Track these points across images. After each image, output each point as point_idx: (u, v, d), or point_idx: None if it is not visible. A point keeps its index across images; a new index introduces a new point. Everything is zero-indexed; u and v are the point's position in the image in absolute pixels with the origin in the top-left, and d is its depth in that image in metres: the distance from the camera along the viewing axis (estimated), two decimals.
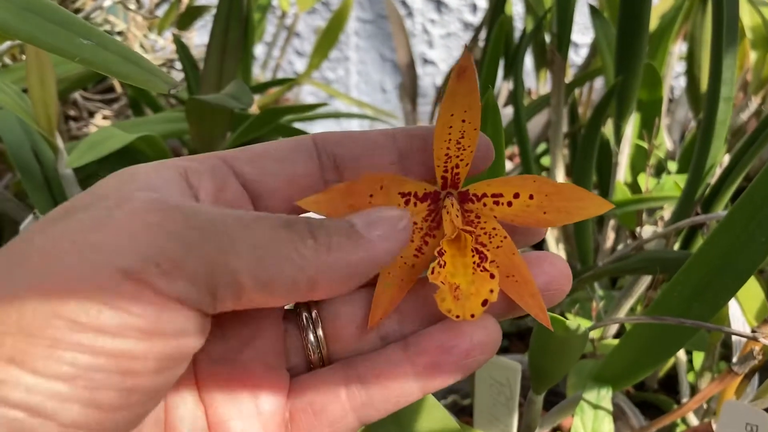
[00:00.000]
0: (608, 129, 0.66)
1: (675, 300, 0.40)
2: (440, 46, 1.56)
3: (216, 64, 0.55)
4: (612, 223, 0.63)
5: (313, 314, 0.27)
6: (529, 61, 1.00)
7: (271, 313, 0.27)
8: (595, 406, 0.44)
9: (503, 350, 0.68)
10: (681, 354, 0.57)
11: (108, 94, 0.73)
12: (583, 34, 1.42)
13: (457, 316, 0.25)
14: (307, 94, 1.53)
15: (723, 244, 0.39)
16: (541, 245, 0.70)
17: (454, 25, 1.55)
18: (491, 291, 0.25)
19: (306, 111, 0.61)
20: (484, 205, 0.27)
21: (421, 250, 0.27)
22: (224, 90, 0.43)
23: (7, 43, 0.57)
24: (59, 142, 0.50)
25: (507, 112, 0.84)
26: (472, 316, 0.25)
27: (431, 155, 0.27)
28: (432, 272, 0.25)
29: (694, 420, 0.54)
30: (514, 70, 0.63)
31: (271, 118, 0.57)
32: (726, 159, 0.53)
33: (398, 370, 0.26)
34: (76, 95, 0.69)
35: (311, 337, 0.27)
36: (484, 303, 0.25)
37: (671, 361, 0.64)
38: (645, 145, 0.59)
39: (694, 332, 0.41)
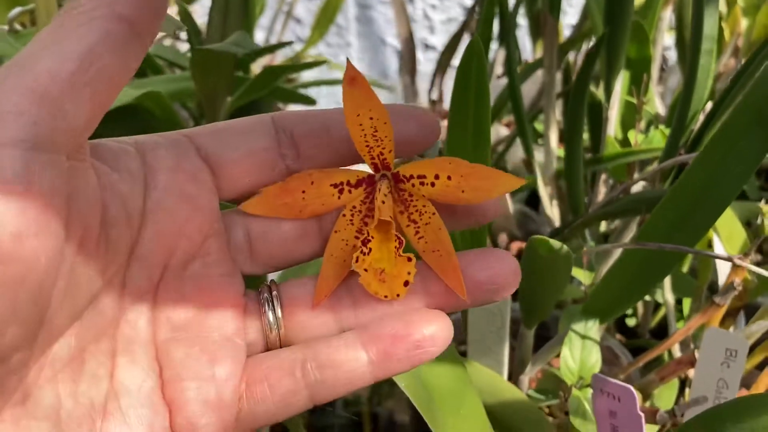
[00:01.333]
0: (600, 89, 0.68)
1: (658, 230, 0.42)
2: (441, 32, 1.58)
3: (218, 27, 0.58)
4: (604, 177, 0.65)
5: (273, 294, 0.29)
6: (524, 32, 1.02)
7: (231, 287, 0.29)
8: (583, 337, 0.46)
9: None
10: (670, 301, 0.59)
11: None
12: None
13: (385, 296, 0.28)
14: (306, 74, 1.54)
15: (701, 176, 0.41)
16: (536, 204, 0.73)
17: (455, 10, 1.56)
18: (409, 273, 0.28)
19: (307, 69, 0.63)
20: (413, 185, 0.29)
21: (360, 231, 0.30)
22: (227, 40, 0.45)
23: (17, 9, 0.60)
24: None
25: (503, 83, 0.86)
26: (398, 295, 0.28)
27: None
28: (356, 261, 0.28)
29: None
30: (507, 35, 0.65)
31: (271, 78, 0.59)
32: (708, 107, 0.55)
33: (352, 355, 0.28)
34: None
35: (270, 315, 0.29)
36: (406, 284, 0.28)
37: (662, 312, 0.66)
38: (635, 101, 0.61)
39: (676, 260, 0.43)
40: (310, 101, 0.67)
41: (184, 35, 0.81)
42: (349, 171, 0.30)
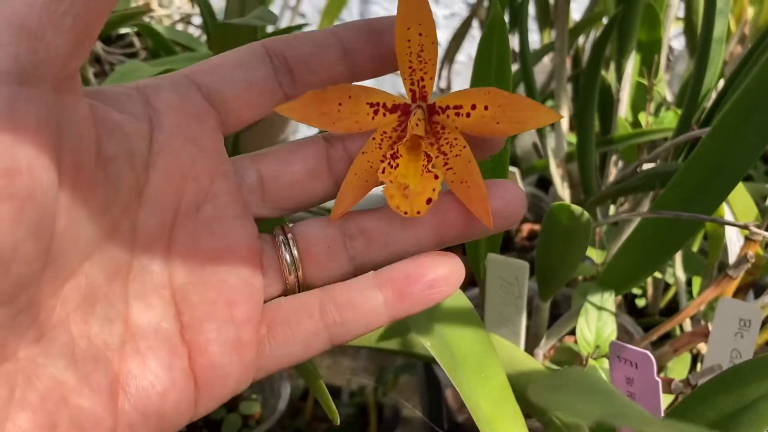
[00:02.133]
0: (610, 74, 0.69)
1: (673, 201, 0.43)
2: (444, 27, 1.58)
3: (237, 8, 0.58)
4: (614, 159, 0.66)
5: (288, 236, 0.30)
6: (533, 25, 1.03)
7: (244, 229, 0.29)
8: (599, 308, 0.47)
9: None
10: (681, 278, 0.59)
11: (128, 49, 0.76)
12: None
13: (405, 213, 0.28)
14: None
15: (716, 147, 0.42)
16: (546, 187, 0.73)
17: (458, 5, 1.57)
18: (434, 190, 0.28)
19: None
20: (448, 116, 0.29)
21: (387, 157, 0.30)
22: (249, 14, 0.46)
23: None
24: (90, 76, 0.53)
25: (514, 68, 0.86)
26: (418, 213, 0.28)
27: (377, 49, 0.29)
28: (383, 171, 0.28)
29: None
30: (519, 18, 0.66)
31: None
32: (721, 84, 0.56)
33: (368, 296, 0.28)
34: (98, 48, 0.72)
35: (287, 257, 0.29)
36: (428, 201, 0.28)
37: (672, 291, 0.67)
38: (645, 82, 0.62)
39: (691, 232, 0.44)
40: None
41: (196, 20, 0.82)
42: (387, 94, 0.29)
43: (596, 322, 0.46)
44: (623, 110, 0.63)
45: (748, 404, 0.33)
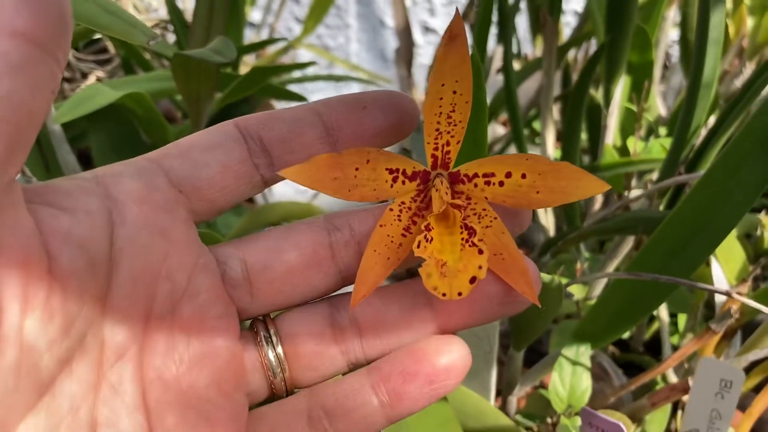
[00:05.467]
0: (600, 93, 0.66)
1: (654, 257, 0.41)
2: (442, 14, 1.55)
3: (204, 24, 0.55)
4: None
5: (272, 331, 0.26)
6: (526, 26, 1.00)
7: (227, 331, 0.26)
8: (574, 363, 0.45)
9: None
10: (664, 316, 0.57)
11: (101, 55, 0.73)
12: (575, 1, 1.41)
13: (444, 294, 0.24)
14: (305, 60, 1.52)
15: (701, 203, 0.39)
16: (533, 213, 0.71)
17: None
18: (480, 267, 0.24)
19: (294, 69, 0.61)
20: (475, 185, 0.26)
21: (408, 230, 0.26)
22: (208, 46, 0.43)
23: None
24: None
25: (501, 79, 0.84)
26: (459, 294, 0.24)
27: (361, 126, 0.26)
28: (418, 246, 0.24)
29: (675, 380, 0.54)
30: (504, 34, 0.63)
31: (259, 77, 0.57)
32: (711, 121, 0.53)
33: (362, 399, 0.25)
34: (69, 56, 0.69)
35: (271, 356, 0.26)
36: (473, 280, 0.24)
37: (656, 324, 0.64)
38: (635, 108, 0.59)
39: (671, 290, 0.41)
40: (299, 98, 0.65)
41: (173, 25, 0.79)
42: (406, 160, 0.26)
43: (570, 378, 0.44)
44: (611, 136, 0.60)
45: None
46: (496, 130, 0.84)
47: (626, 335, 0.64)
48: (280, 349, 0.26)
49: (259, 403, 0.27)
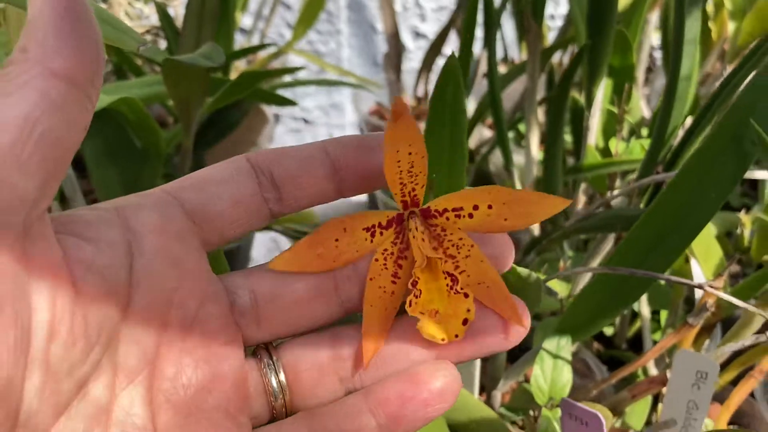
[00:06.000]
0: (583, 96, 0.67)
1: (631, 253, 0.42)
2: (432, 20, 1.56)
3: (194, 30, 0.57)
4: (584, 187, 0.65)
5: (274, 359, 0.28)
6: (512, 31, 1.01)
7: (233, 358, 0.27)
8: (555, 356, 0.46)
9: None
10: (646, 313, 0.59)
11: None
12: (564, 5, 1.42)
13: (443, 339, 0.27)
14: (296, 65, 1.53)
15: (676, 200, 0.41)
16: None
17: None
18: (468, 310, 0.27)
19: (284, 74, 0.62)
20: (447, 219, 0.28)
21: (396, 275, 0.28)
22: (198, 51, 0.44)
23: None
24: None
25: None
26: (456, 336, 0.27)
27: (367, 166, 0.28)
28: (409, 305, 0.27)
29: (656, 373, 0.56)
30: (488, 38, 0.65)
31: (249, 82, 0.58)
32: (689, 121, 0.55)
33: (360, 423, 0.27)
34: None
35: (273, 382, 0.28)
36: (464, 322, 0.27)
37: (639, 322, 0.66)
38: (616, 110, 0.60)
39: (648, 284, 0.43)
40: (290, 103, 0.67)
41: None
42: (378, 213, 0.28)
43: (551, 371, 0.46)
44: (593, 137, 0.62)
45: None
46: (483, 133, 0.86)
47: (609, 332, 0.66)
48: (282, 376, 0.28)
49: (260, 424, 0.29)
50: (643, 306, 0.58)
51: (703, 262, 0.50)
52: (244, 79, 0.58)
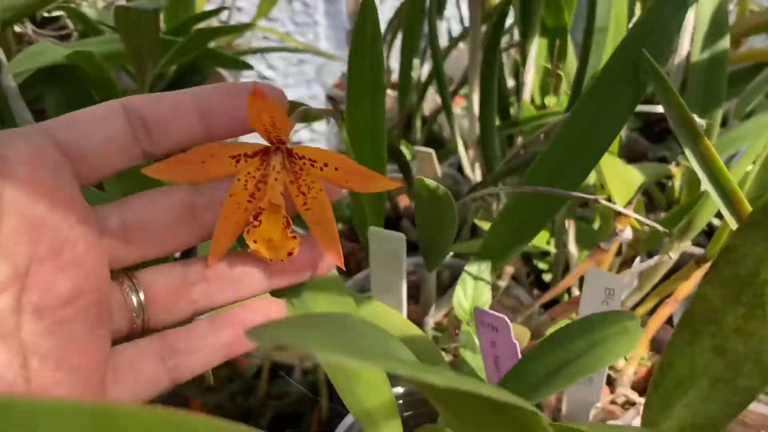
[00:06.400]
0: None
1: (542, 174, 0.46)
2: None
3: None
4: (521, 141, 0.69)
5: (135, 281, 0.33)
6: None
7: (99, 277, 0.30)
8: (476, 278, 0.50)
9: None
10: (574, 253, 0.62)
11: (61, 31, 0.78)
12: None
13: (271, 259, 0.33)
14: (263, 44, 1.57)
15: (579, 126, 0.45)
16: (460, 167, 0.76)
17: None
18: (293, 248, 0.33)
19: (235, 32, 0.65)
20: (304, 164, 0.33)
21: (253, 196, 0.33)
22: None
23: None
24: (1, 55, 0.55)
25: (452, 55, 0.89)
26: (281, 259, 0.33)
27: (234, 113, 0.32)
28: (247, 232, 0.33)
29: None
30: (431, 14, 0.69)
31: (201, 41, 0.62)
32: None
33: (207, 341, 0.33)
34: (29, 30, 0.74)
35: (134, 300, 0.32)
36: (290, 253, 0.33)
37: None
38: (550, 66, 0.64)
39: (559, 205, 0.47)
40: (246, 66, 0.70)
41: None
42: (246, 144, 0.33)
43: (473, 291, 0.49)
44: (528, 93, 0.66)
45: (571, 359, 0.35)
46: (437, 99, 0.90)
47: (548, 278, 0.69)
48: (142, 296, 0.33)
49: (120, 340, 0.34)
50: (571, 244, 0.61)
51: (617, 196, 0.54)
52: (196, 37, 0.61)
